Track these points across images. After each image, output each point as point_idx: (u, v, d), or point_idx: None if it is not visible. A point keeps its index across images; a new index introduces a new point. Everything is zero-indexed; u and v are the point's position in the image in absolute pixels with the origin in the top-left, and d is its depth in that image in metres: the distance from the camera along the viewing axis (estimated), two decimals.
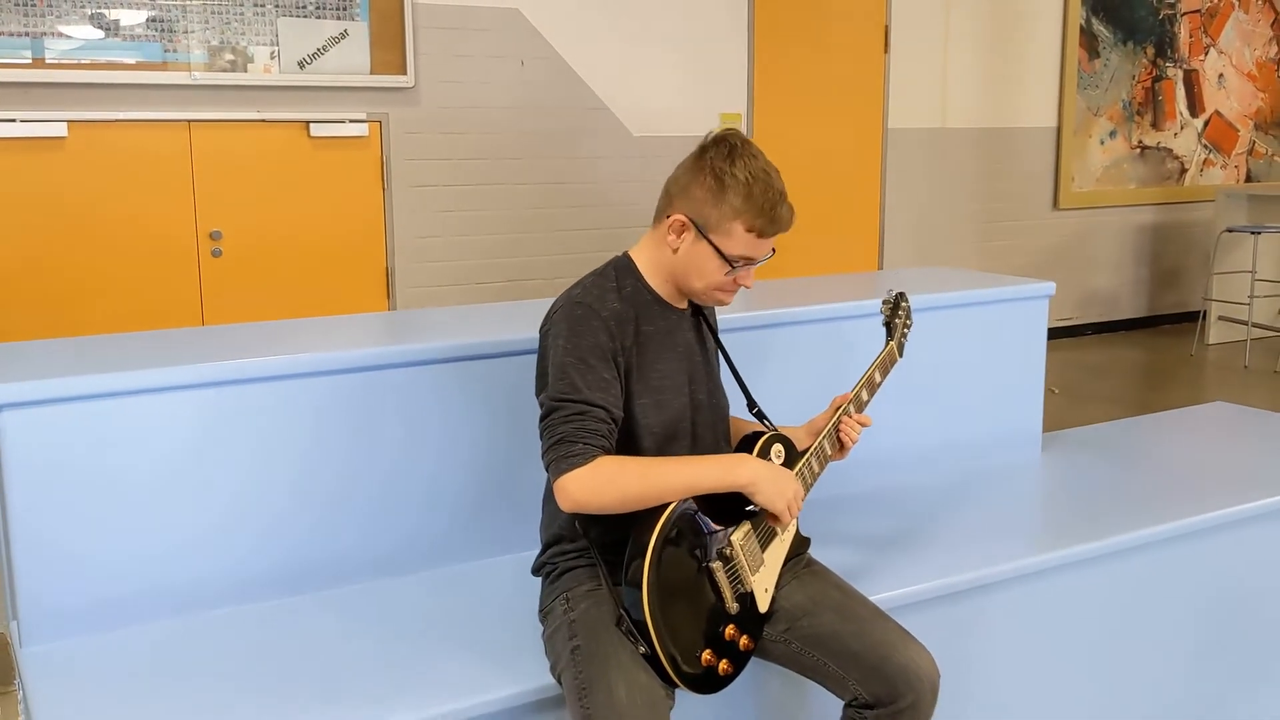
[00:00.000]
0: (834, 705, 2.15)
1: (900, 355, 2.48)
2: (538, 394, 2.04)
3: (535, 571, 2.20)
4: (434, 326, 2.77)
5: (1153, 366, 7.89)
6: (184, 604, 2.25)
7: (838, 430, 2.26)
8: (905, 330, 2.51)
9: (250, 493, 2.30)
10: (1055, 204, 8.45)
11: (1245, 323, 7.91)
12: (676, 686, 1.97)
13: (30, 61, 5.28)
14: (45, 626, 2.14)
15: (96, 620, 2.17)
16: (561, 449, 1.94)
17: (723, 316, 2.62)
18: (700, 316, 2.26)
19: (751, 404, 2.31)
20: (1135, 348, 8.38)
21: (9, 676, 2.33)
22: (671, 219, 2.07)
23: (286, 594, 2.34)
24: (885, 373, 2.42)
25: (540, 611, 2.15)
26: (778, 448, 2.18)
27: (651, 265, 2.13)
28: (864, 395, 2.35)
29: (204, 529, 2.26)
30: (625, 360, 2.04)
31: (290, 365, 2.33)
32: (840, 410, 2.28)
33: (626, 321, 2.06)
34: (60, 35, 5.33)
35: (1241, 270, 8.03)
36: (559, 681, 2.02)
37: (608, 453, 1.96)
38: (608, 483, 1.94)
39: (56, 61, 5.33)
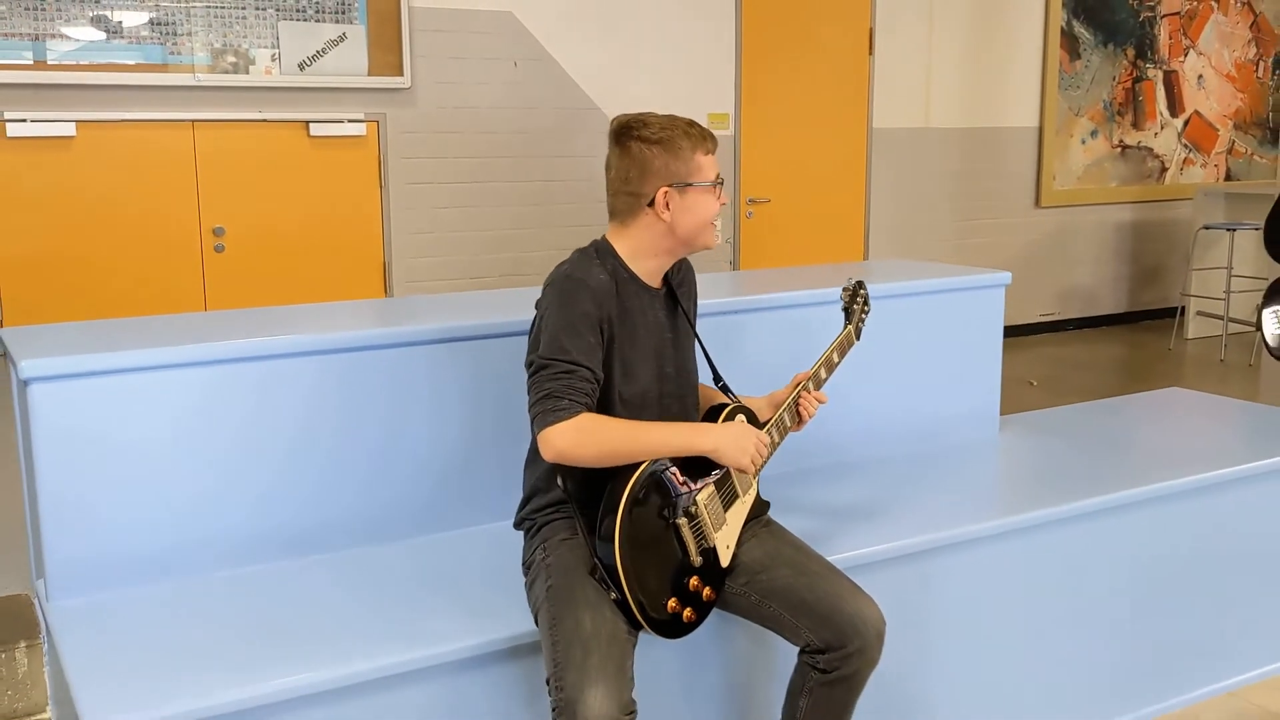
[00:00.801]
0: (790, 655, 2.36)
1: (857, 339, 2.68)
2: (527, 357, 2.25)
3: (517, 525, 2.41)
4: (422, 311, 2.97)
5: (1131, 360, 8.09)
6: (193, 564, 2.44)
7: (797, 404, 2.47)
8: (863, 316, 2.71)
9: (251, 462, 2.49)
10: (1037, 202, 8.65)
11: (1222, 318, 8.11)
12: (644, 630, 2.18)
13: (39, 64, 5.48)
14: (70, 582, 2.33)
15: (115, 577, 2.37)
16: (548, 403, 2.14)
17: (700, 302, 2.82)
18: (674, 297, 2.46)
19: (717, 378, 2.52)
20: (1115, 342, 8.58)
21: (34, 631, 2.54)
22: (656, 197, 2.28)
23: (285, 557, 2.54)
24: (843, 354, 2.62)
25: (524, 563, 2.35)
26: (740, 418, 2.39)
27: (632, 249, 2.34)
28: (822, 374, 2.55)
29: (209, 495, 2.46)
30: (608, 330, 2.25)
31: (289, 345, 2.52)
32: (800, 386, 2.48)
33: (610, 295, 2.26)
34: (68, 38, 5.53)
35: (1218, 266, 8.23)
36: (536, 622, 2.23)
37: (590, 409, 2.17)
38: (589, 436, 2.14)
39: (64, 64, 5.53)
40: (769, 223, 7.45)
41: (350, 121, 6.18)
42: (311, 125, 6.10)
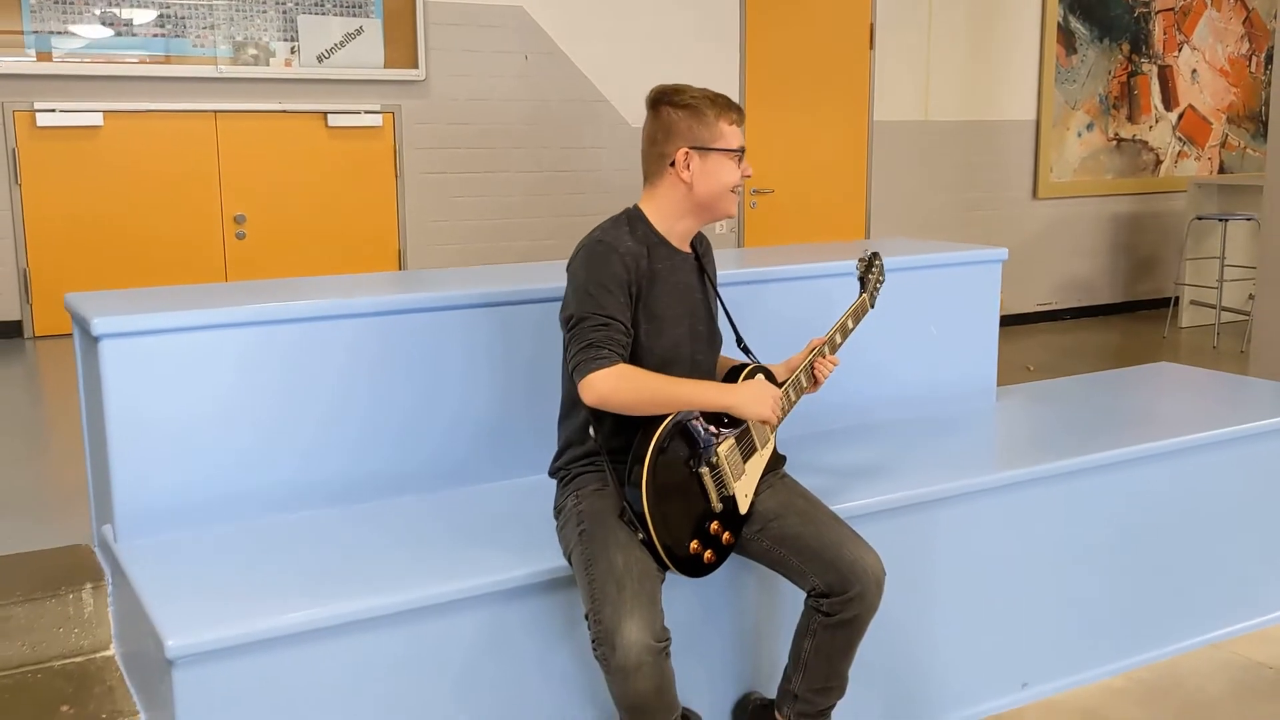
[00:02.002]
0: (796, 601, 2.54)
1: (872, 307, 2.85)
2: (562, 313, 2.43)
3: (551, 474, 2.59)
4: (454, 280, 3.16)
5: (1126, 348, 8.27)
6: (247, 510, 2.63)
7: (812, 367, 2.65)
8: (878, 285, 2.88)
9: (298, 417, 2.67)
10: (1034, 194, 8.84)
11: (1215, 307, 8.30)
12: (669, 569, 2.36)
13: (68, 56, 5.67)
14: (137, 524, 2.52)
15: (178, 520, 2.55)
16: (590, 352, 2.33)
17: (720, 272, 3.00)
18: (699, 263, 2.64)
19: (739, 339, 2.70)
20: (1110, 331, 8.77)
21: (99, 575, 2.72)
22: (676, 156, 2.46)
23: (331, 505, 2.72)
24: (857, 321, 2.80)
25: (555, 509, 2.54)
26: (760, 377, 2.57)
27: (660, 213, 2.52)
28: (837, 339, 2.73)
29: (260, 446, 2.64)
30: (637, 290, 2.43)
31: (334, 308, 2.71)
32: (815, 351, 2.67)
33: (640, 258, 2.44)
34: (95, 31, 5.71)
35: (1211, 256, 8.42)
36: (569, 562, 2.41)
37: (625, 361, 2.36)
38: (628, 384, 2.33)
39: (92, 56, 5.72)
40: (772, 213, 7.64)
41: (367, 113, 6.37)
42: (329, 116, 6.29)
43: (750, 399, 2.45)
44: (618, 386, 2.32)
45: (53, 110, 5.67)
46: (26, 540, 2.98)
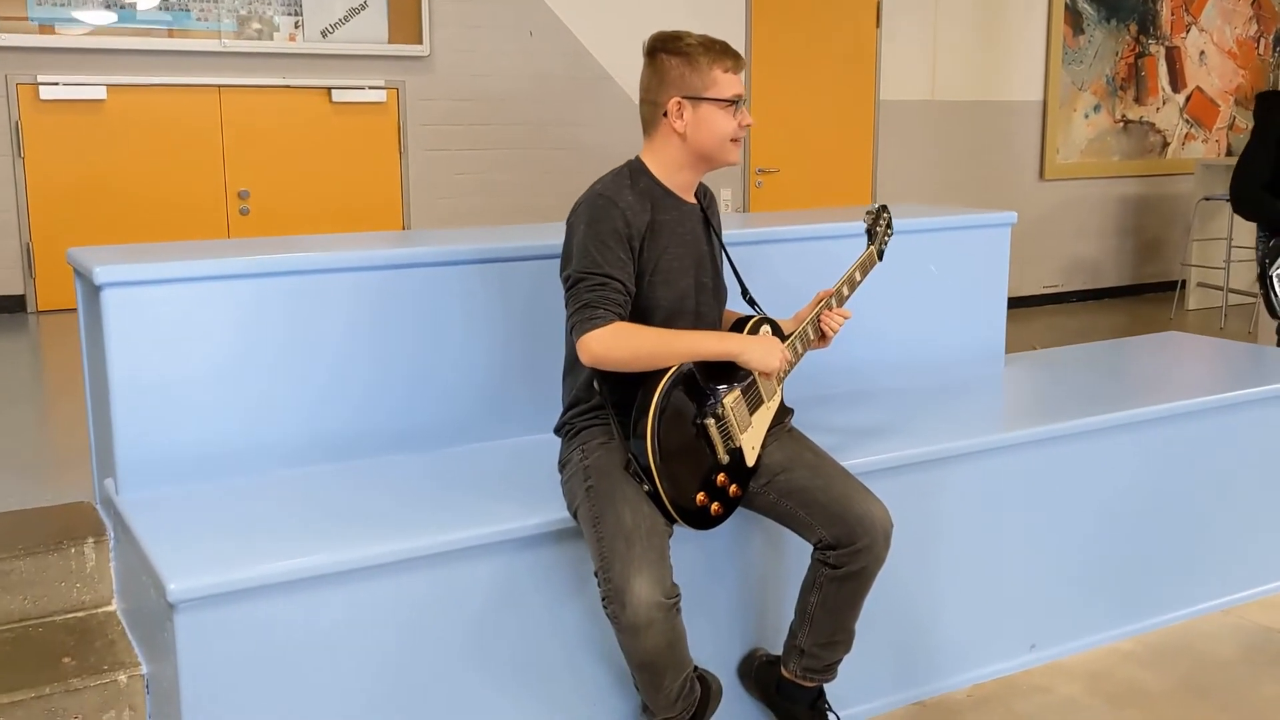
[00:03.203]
0: (803, 556, 2.52)
1: (880, 259, 2.82)
2: (562, 272, 2.41)
3: (557, 431, 2.57)
4: (455, 238, 3.14)
5: (1133, 330, 8.22)
6: (250, 464, 2.61)
7: (819, 320, 2.62)
8: (886, 238, 2.84)
9: (301, 372, 2.65)
10: (1041, 175, 8.80)
11: (1221, 288, 8.26)
12: (676, 522, 2.34)
13: (71, 29, 5.65)
14: (140, 476, 2.50)
15: (179, 473, 2.53)
16: (586, 313, 2.30)
17: (729, 232, 2.98)
18: (705, 214, 2.61)
19: (745, 291, 2.68)
20: (1117, 313, 8.73)
21: (101, 530, 2.71)
22: (668, 106, 2.42)
23: (334, 460, 2.70)
24: (865, 273, 2.76)
25: (560, 463, 2.52)
26: (765, 329, 2.55)
27: (660, 163, 2.49)
28: (845, 291, 2.70)
29: (264, 401, 2.62)
30: (639, 244, 2.40)
31: (333, 261, 2.69)
32: (822, 304, 2.64)
33: (641, 211, 2.41)
34: (98, 3, 5.69)
35: (1218, 238, 8.38)
36: (575, 517, 2.39)
37: (623, 319, 2.33)
38: (624, 341, 2.31)
39: (96, 28, 5.69)
40: (778, 192, 7.61)
41: (371, 89, 6.34)
42: (333, 92, 6.26)
43: (755, 348, 2.42)
44: (613, 345, 2.30)
45: (56, 84, 5.65)
46: (30, 499, 2.97)
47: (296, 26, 6.14)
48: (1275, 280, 4.76)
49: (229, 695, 2.13)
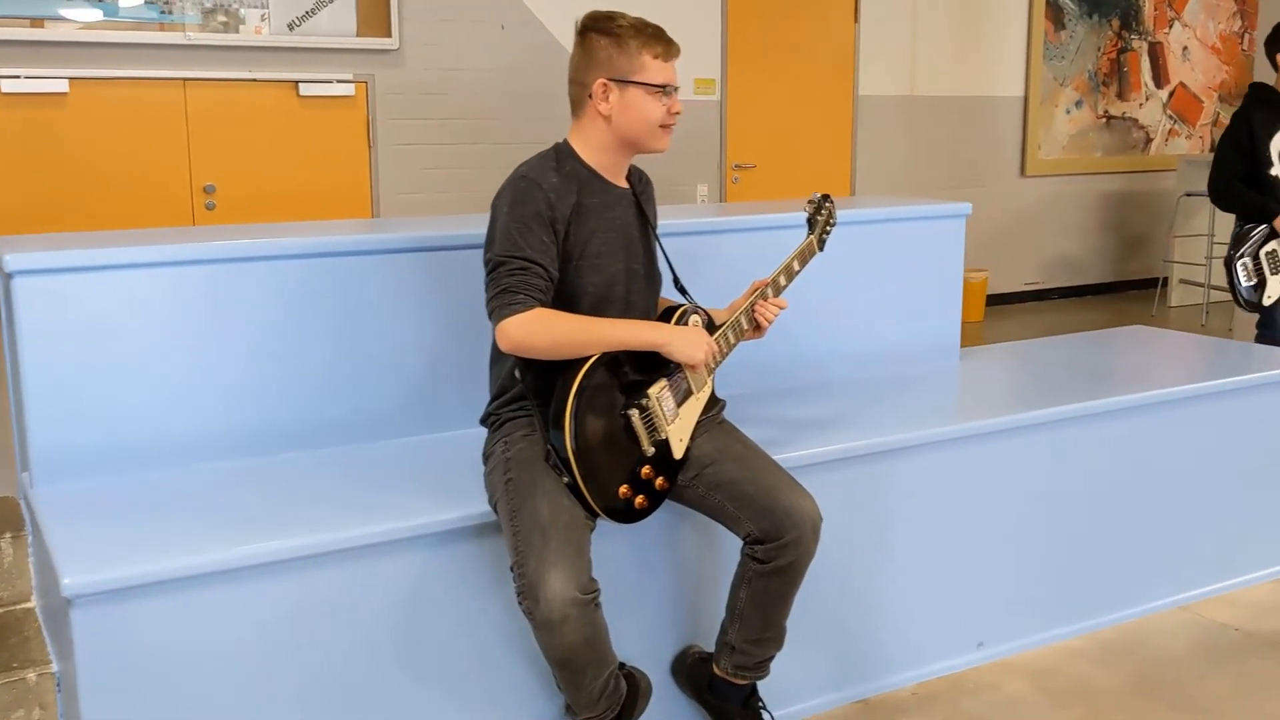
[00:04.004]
0: (736, 550, 2.46)
1: (820, 249, 2.76)
2: (484, 256, 2.35)
3: (483, 421, 2.51)
4: (383, 226, 3.08)
5: (1112, 327, 8.19)
6: (168, 457, 2.55)
7: (754, 309, 2.56)
8: (827, 229, 2.78)
9: (220, 363, 2.60)
10: (1022, 171, 8.74)
11: (1203, 285, 8.21)
12: (598, 516, 2.28)
13: (34, 21, 5.58)
14: (54, 469, 2.45)
15: (95, 467, 2.48)
16: (505, 298, 2.24)
17: (676, 221, 2.92)
18: (637, 200, 2.55)
19: (676, 280, 2.62)
20: (1099, 311, 8.67)
21: (20, 525, 2.65)
22: (594, 87, 2.36)
23: (253, 454, 2.65)
24: (804, 263, 2.70)
25: (484, 456, 2.46)
26: (695, 318, 2.49)
27: (587, 146, 2.43)
28: (782, 280, 2.64)
29: (183, 392, 2.56)
30: (564, 228, 2.34)
31: (249, 249, 2.63)
32: (757, 293, 2.58)
33: (566, 194, 2.35)
34: None
35: (1200, 234, 8.32)
36: (495, 510, 2.33)
37: (544, 305, 2.27)
38: (543, 328, 2.25)
39: (58, 20, 5.63)
40: (755, 188, 7.54)
41: (339, 82, 6.28)
42: (301, 85, 6.19)
43: (680, 339, 2.36)
44: (533, 331, 2.24)
45: (16, 77, 5.58)
46: None
47: (263, 19, 6.07)
48: (1238, 267, 4.74)
49: (129, 693, 2.07)
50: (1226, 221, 8.35)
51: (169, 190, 6.00)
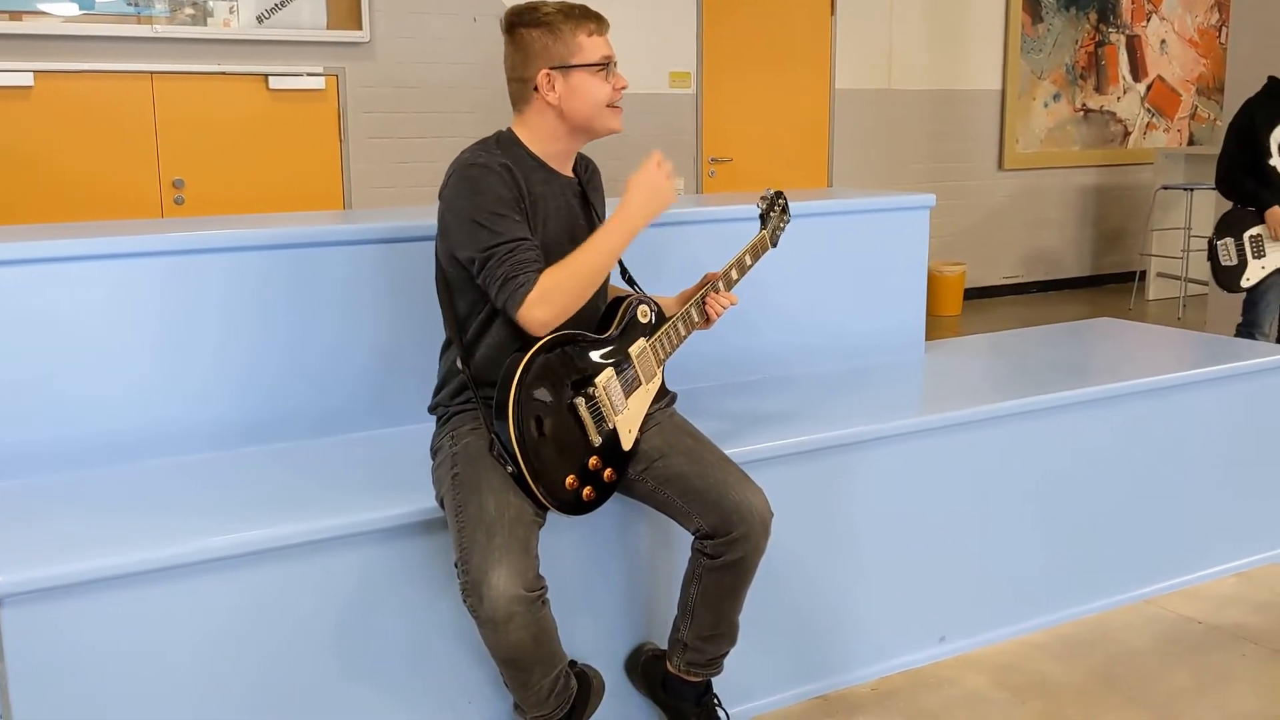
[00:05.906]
0: (688, 543, 2.43)
1: (773, 245, 2.73)
2: (460, 255, 2.29)
3: (431, 410, 2.47)
4: (340, 218, 3.04)
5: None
6: (119, 453, 2.51)
7: (704, 301, 2.53)
8: (781, 224, 2.76)
9: (173, 359, 2.56)
10: (1000, 165, 8.74)
11: (1180, 277, 8.21)
12: (546, 508, 2.25)
13: (10, 15, 5.52)
14: (3, 466, 2.41)
15: (43, 463, 2.44)
16: (510, 286, 2.21)
17: None
18: (583, 190, 2.51)
19: (624, 271, 2.58)
20: (1077, 304, 8.68)
21: None
22: (538, 80, 2.33)
23: (204, 450, 2.61)
24: (756, 258, 2.67)
25: (431, 450, 2.42)
26: (644, 308, 2.45)
27: (535, 136, 2.39)
28: (733, 274, 2.61)
29: (130, 389, 2.52)
30: (527, 206, 2.30)
31: (200, 241, 2.59)
32: (709, 286, 2.55)
33: (519, 175, 2.31)
34: None
35: (1177, 227, 8.33)
36: (441, 506, 2.30)
37: (543, 270, 2.24)
38: (555, 289, 2.22)
39: (22, 12, 5.57)
40: (731, 182, 7.52)
41: (309, 75, 6.23)
42: (271, 79, 6.15)
43: (643, 192, 2.33)
44: (550, 299, 2.21)
45: None
46: None
47: (231, 11, 6.02)
48: (1219, 249, 4.79)
49: (63, 694, 2.03)
50: (1203, 214, 8.40)
51: (137, 186, 5.95)
